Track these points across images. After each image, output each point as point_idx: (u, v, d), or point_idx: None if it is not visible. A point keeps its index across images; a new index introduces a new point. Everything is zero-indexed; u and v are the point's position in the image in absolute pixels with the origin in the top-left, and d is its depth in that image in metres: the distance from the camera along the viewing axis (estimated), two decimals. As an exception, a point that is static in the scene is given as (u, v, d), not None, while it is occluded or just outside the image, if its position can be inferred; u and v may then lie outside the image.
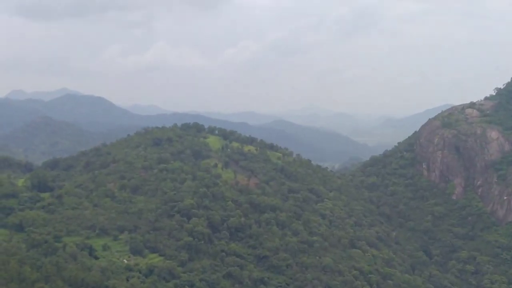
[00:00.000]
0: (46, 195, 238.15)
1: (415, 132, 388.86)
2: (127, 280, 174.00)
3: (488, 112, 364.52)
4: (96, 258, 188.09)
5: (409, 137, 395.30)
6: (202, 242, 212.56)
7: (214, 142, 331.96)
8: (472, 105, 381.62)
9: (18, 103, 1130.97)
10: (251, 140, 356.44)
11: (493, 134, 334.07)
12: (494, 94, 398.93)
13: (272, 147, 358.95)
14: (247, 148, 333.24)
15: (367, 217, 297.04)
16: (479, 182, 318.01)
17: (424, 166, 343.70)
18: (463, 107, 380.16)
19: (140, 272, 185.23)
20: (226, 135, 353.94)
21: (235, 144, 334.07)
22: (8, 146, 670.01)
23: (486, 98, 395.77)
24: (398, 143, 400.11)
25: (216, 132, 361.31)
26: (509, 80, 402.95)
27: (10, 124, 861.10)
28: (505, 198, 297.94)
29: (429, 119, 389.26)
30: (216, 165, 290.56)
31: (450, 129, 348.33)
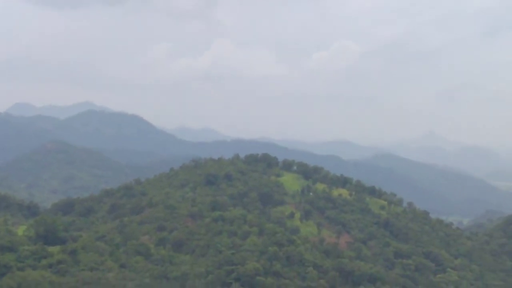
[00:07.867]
0: (55, 249, 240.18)
1: None
2: None
3: None
4: None
5: None
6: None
7: (291, 182, 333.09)
8: None
9: (22, 121, 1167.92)
10: (343, 181, 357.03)
11: None
12: None
13: (373, 191, 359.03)
14: (337, 192, 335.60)
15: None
16: None
17: None
18: None
19: None
20: (309, 172, 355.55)
21: (320, 186, 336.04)
22: (7, 179, 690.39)
23: None
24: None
25: (295, 168, 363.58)
26: None
27: (11, 149, 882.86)
28: None
29: None
30: (292, 215, 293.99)
31: None
